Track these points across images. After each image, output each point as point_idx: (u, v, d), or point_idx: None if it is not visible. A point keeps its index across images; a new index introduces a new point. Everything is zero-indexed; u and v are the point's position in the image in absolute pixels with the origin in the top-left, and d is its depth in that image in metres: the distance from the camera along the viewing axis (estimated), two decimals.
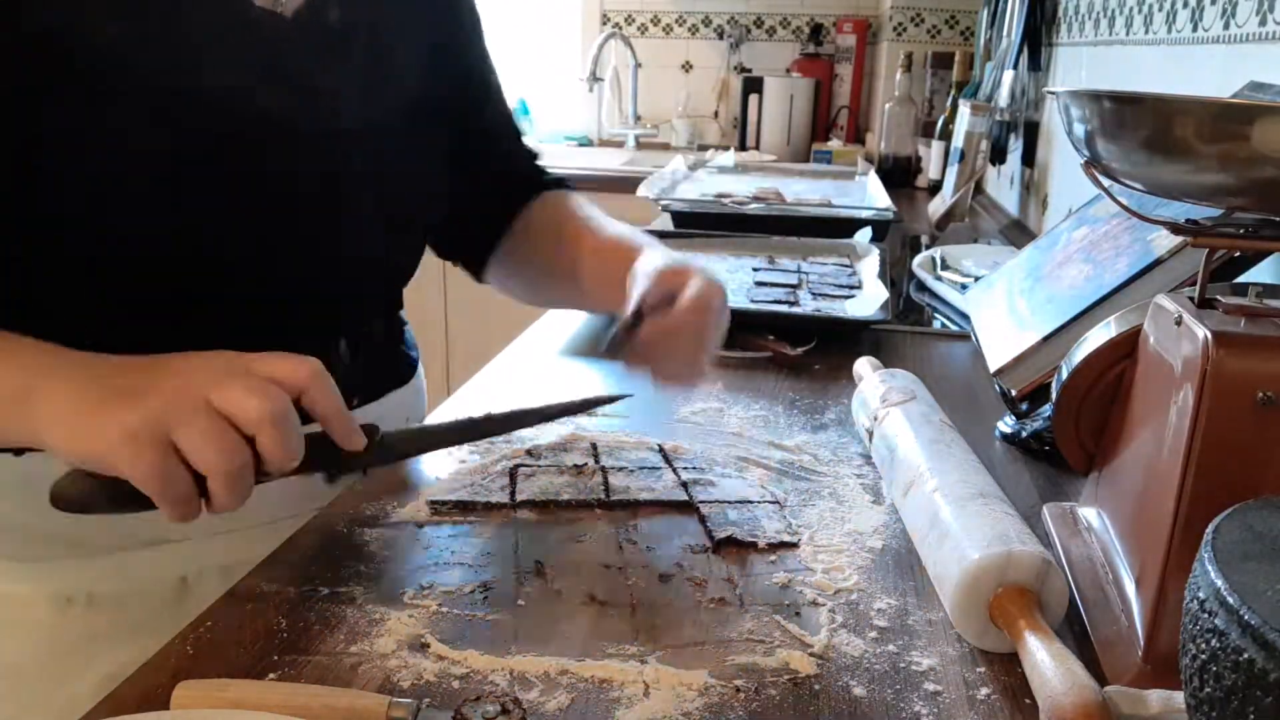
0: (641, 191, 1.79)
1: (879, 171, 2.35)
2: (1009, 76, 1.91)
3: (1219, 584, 0.37)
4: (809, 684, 0.54)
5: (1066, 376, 0.66)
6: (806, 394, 0.97)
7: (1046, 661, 0.50)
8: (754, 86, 3.13)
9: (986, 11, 2.20)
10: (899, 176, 2.62)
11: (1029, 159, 1.93)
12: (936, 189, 2.18)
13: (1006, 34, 1.97)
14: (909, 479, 0.69)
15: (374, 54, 0.74)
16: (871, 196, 1.95)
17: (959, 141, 2.01)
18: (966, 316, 1.10)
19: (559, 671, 0.53)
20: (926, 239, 1.96)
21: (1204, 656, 0.37)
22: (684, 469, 0.78)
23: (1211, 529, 0.41)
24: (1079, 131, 0.56)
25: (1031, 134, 1.92)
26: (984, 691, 0.54)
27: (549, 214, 0.93)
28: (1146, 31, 1.32)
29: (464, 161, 0.88)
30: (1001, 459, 0.84)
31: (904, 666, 0.55)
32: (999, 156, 2.01)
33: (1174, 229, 0.56)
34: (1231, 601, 0.36)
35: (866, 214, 1.72)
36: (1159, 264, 0.79)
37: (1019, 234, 1.84)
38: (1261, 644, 0.34)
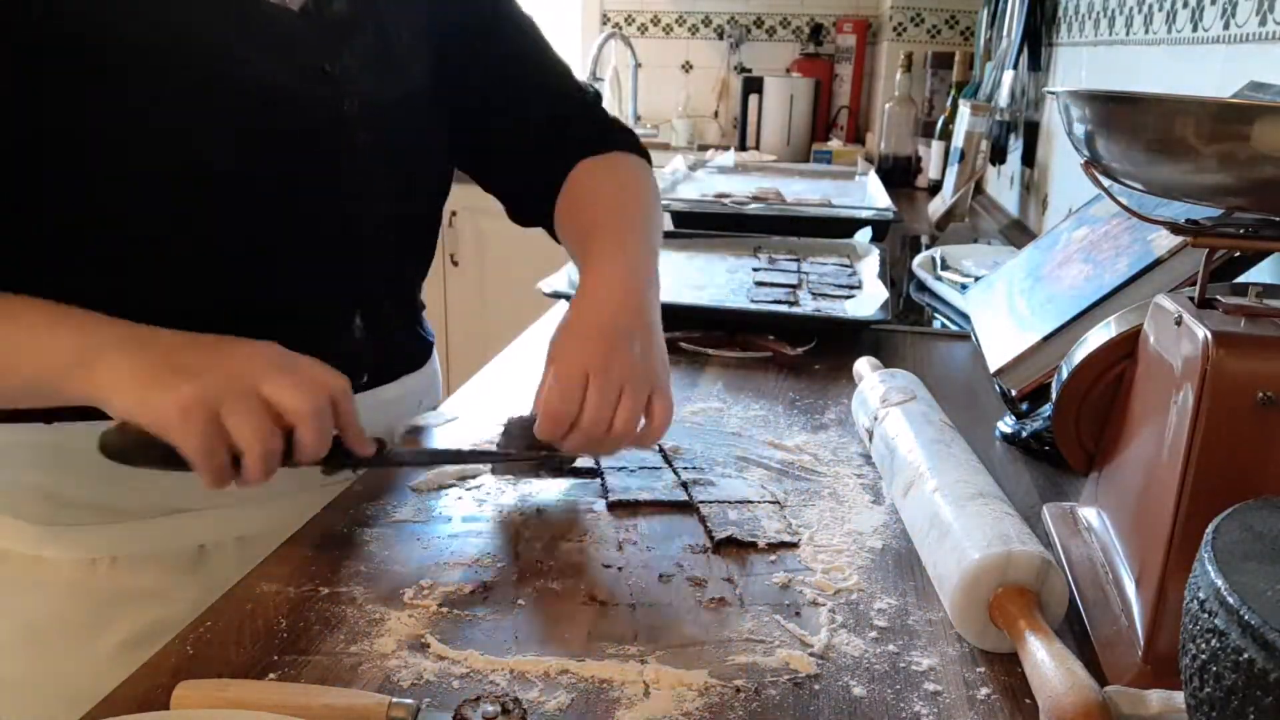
0: None
1: (879, 171, 2.35)
2: (1009, 76, 1.91)
3: (1219, 584, 0.37)
4: (809, 684, 0.54)
5: (1066, 376, 0.66)
6: (806, 394, 0.97)
7: (1046, 661, 0.50)
8: (754, 86, 3.13)
9: (986, 11, 2.20)
10: (899, 176, 2.62)
11: (1029, 159, 1.93)
12: (936, 189, 2.18)
13: (1006, 34, 1.97)
14: (909, 479, 0.69)
15: (382, 39, 0.77)
16: (871, 196, 1.95)
17: (959, 141, 2.01)
18: (966, 316, 1.10)
19: (559, 671, 0.53)
20: (926, 239, 1.96)
21: (1204, 656, 0.37)
22: (684, 469, 0.78)
23: (1211, 529, 0.41)
24: (1079, 131, 0.56)
25: (1031, 134, 1.92)
26: (984, 691, 0.53)
27: (572, 190, 0.88)
28: (1146, 31, 1.32)
29: (506, 114, 0.87)
30: (1001, 459, 0.84)
31: (904, 666, 0.55)
32: (999, 156, 2.00)
33: (1174, 229, 0.56)
34: (1231, 601, 0.36)
35: (866, 214, 1.72)
36: (1159, 264, 0.79)
37: (1019, 234, 1.84)
38: (1261, 644, 0.34)
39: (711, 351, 1.09)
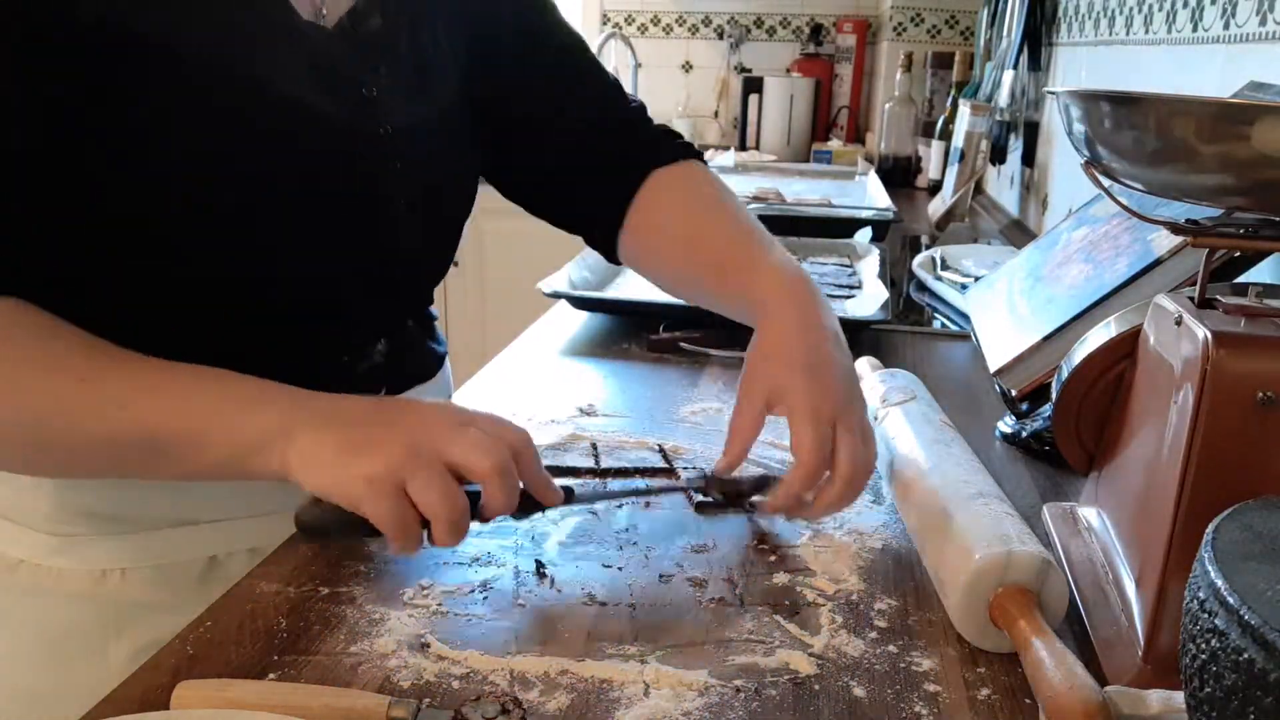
0: None
1: (879, 171, 2.36)
2: (1009, 76, 1.91)
3: (1219, 584, 0.37)
4: (809, 684, 0.54)
5: (1066, 376, 0.66)
6: None
7: (1046, 661, 0.50)
8: (754, 86, 3.13)
9: (986, 11, 2.20)
10: (899, 176, 2.62)
11: (1029, 159, 1.93)
12: (936, 189, 2.18)
13: (1006, 34, 1.97)
14: (909, 479, 0.69)
15: (416, 50, 0.76)
16: (871, 196, 1.95)
17: (959, 141, 2.01)
18: (966, 316, 1.10)
19: (559, 671, 0.54)
20: (926, 239, 1.96)
21: (1204, 656, 0.37)
22: (684, 469, 0.78)
23: (1211, 529, 0.41)
24: (1079, 131, 0.56)
25: (1031, 134, 1.91)
26: (984, 691, 0.53)
27: (665, 207, 0.87)
28: (1146, 31, 1.32)
29: (564, 121, 0.86)
30: (1001, 459, 0.84)
31: (904, 667, 0.55)
32: (999, 156, 2.01)
33: (1174, 229, 0.56)
34: (1231, 601, 0.36)
35: (866, 214, 1.72)
36: (1159, 264, 0.79)
37: (1019, 234, 1.84)
38: (1261, 644, 0.34)
39: (712, 351, 1.09)
